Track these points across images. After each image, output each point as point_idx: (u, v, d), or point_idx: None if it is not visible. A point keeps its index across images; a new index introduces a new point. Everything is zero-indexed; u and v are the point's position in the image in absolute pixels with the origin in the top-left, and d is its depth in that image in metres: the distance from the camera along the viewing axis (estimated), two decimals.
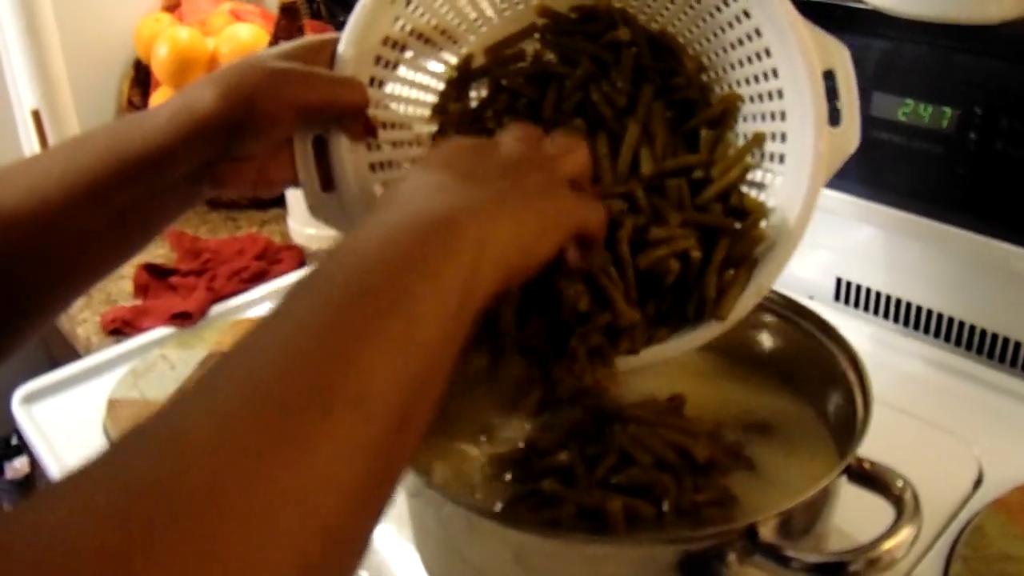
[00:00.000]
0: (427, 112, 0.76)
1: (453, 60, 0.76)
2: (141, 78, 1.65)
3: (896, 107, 0.97)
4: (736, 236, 0.67)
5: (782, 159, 0.69)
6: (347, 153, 0.69)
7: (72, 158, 0.62)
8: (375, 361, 0.41)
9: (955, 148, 0.94)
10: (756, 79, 0.69)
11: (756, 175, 0.71)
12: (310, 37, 0.70)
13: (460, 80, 0.75)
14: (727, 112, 0.72)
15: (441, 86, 0.76)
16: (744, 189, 0.71)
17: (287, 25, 1.47)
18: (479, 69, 0.75)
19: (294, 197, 1.37)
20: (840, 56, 0.67)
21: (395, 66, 0.73)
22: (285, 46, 0.69)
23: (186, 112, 0.62)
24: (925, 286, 1.03)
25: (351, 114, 0.68)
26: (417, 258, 0.46)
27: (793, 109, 0.67)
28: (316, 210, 0.71)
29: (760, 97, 0.70)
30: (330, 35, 0.70)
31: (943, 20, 0.89)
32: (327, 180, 0.70)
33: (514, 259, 0.51)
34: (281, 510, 0.35)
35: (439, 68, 0.76)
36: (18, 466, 1.65)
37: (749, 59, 0.69)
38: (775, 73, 0.67)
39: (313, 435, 0.37)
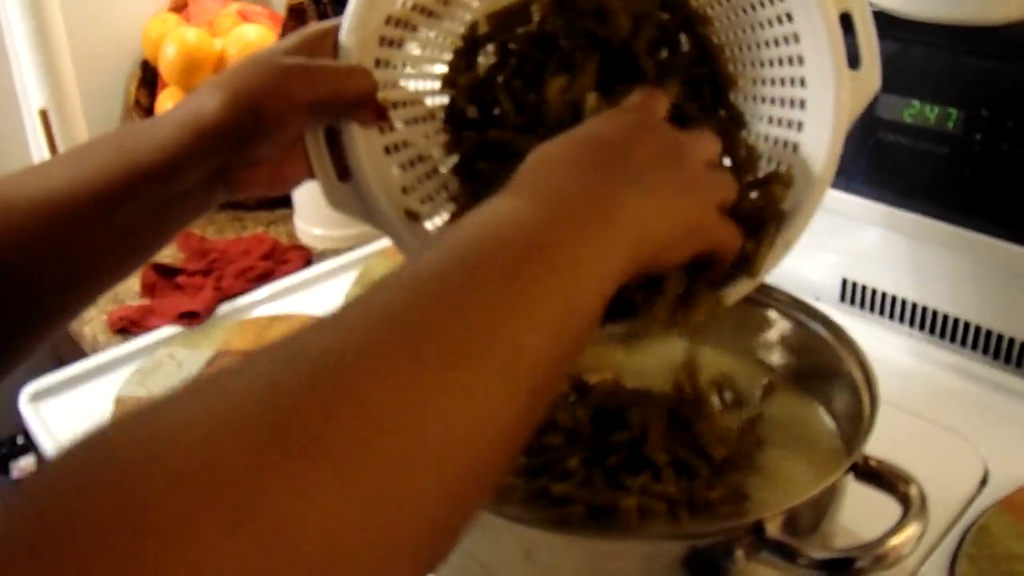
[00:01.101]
0: (437, 84, 0.75)
1: (458, 29, 0.74)
2: (149, 79, 1.66)
3: (902, 108, 0.97)
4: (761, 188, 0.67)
5: (803, 104, 0.68)
6: (360, 141, 0.69)
7: (78, 168, 0.62)
8: (533, 323, 0.42)
9: (961, 149, 0.94)
10: (770, 23, 0.68)
11: (775, 125, 0.70)
12: (312, 26, 0.69)
13: (467, 49, 0.74)
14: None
15: (448, 56, 0.75)
16: (765, 138, 0.70)
17: (294, 26, 1.47)
18: (485, 36, 0.74)
19: (301, 197, 1.38)
20: None
21: (400, 44, 0.72)
22: (287, 40, 0.68)
23: (193, 122, 0.61)
24: (931, 287, 1.04)
25: (360, 102, 0.67)
26: (587, 238, 0.47)
27: (811, 54, 0.66)
28: (335, 201, 0.70)
29: (775, 42, 0.68)
30: (331, 22, 0.69)
31: (949, 21, 0.89)
32: (343, 170, 0.69)
33: (658, 253, 0.53)
34: (420, 468, 0.36)
35: (444, 39, 0.75)
36: (25, 465, 1.66)
37: (761, 3, 0.68)
38: (789, 17, 0.66)
39: (469, 385, 0.39)
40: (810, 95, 0.67)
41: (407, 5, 0.70)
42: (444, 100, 0.75)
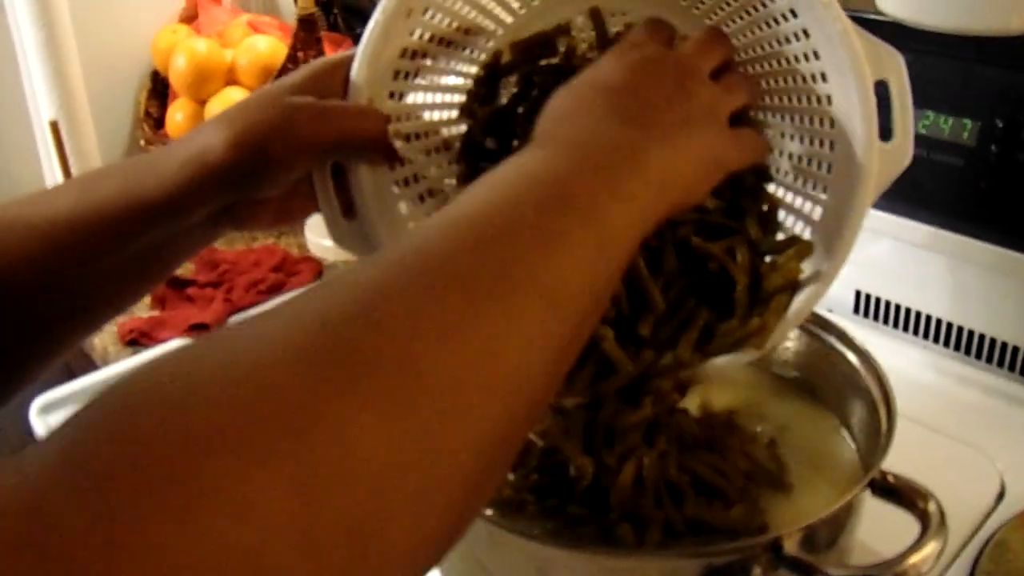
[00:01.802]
0: (454, 114, 0.73)
1: (478, 58, 0.72)
2: (159, 89, 1.66)
3: (917, 120, 0.95)
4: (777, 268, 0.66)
5: (829, 168, 0.65)
6: (367, 182, 0.67)
7: (84, 199, 0.60)
8: (570, 262, 0.44)
9: (976, 160, 0.93)
10: (804, 79, 0.65)
11: (800, 181, 0.69)
12: (320, 61, 0.67)
13: (488, 78, 0.72)
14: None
15: (467, 83, 0.72)
16: (788, 200, 0.69)
17: (305, 37, 1.48)
18: (507, 65, 0.72)
19: None
20: (894, 65, 0.62)
21: (415, 75, 0.69)
22: (295, 76, 0.66)
23: (198, 161, 0.60)
24: (946, 299, 1.03)
25: (370, 144, 0.65)
26: (613, 181, 0.49)
27: (842, 118, 0.63)
28: (339, 238, 0.68)
29: (808, 99, 0.66)
30: (340, 55, 0.67)
31: (963, 32, 0.89)
32: (348, 207, 0.67)
33: (683, 194, 0.54)
34: (471, 389, 0.37)
35: (464, 67, 0.72)
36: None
37: (796, 58, 0.64)
38: (824, 77, 0.63)
39: (513, 317, 0.40)
40: (837, 159, 0.64)
41: (424, 36, 0.68)
42: (460, 130, 0.73)
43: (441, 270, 0.40)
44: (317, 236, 1.39)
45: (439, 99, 0.72)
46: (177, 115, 1.58)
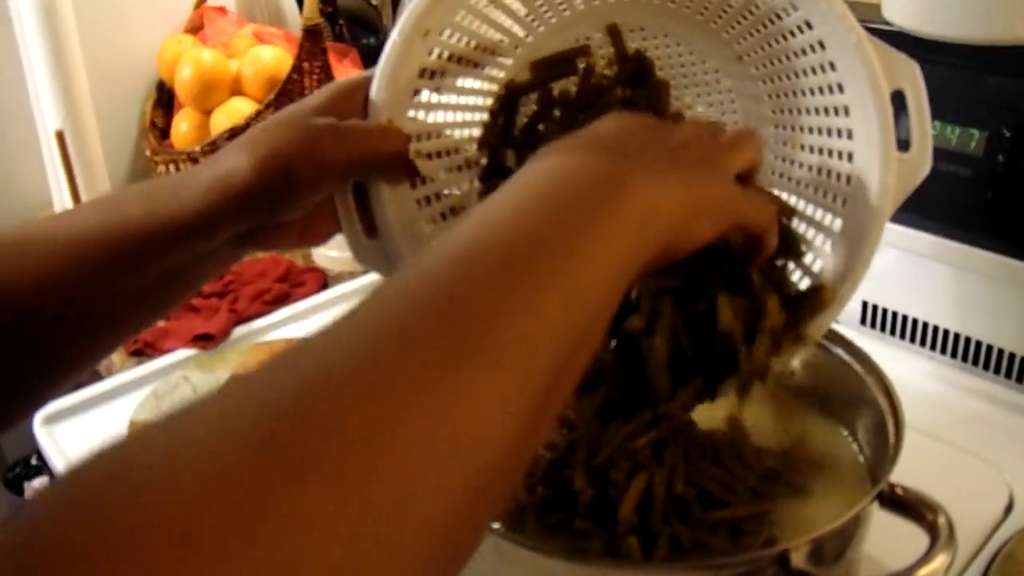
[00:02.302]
0: (475, 132, 0.72)
1: (498, 75, 0.72)
2: (164, 100, 1.66)
3: None
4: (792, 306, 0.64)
5: (848, 180, 0.65)
6: (389, 200, 0.67)
7: (106, 220, 0.60)
8: (537, 321, 0.40)
9: (983, 171, 0.93)
10: (821, 90, 0.65)
11: (815, 193, 0.68)
12: (340, 82, 0.68)
13: (504, 107, 0.71)
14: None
15: (487, 102, 0.72)
16: (807, 213, 0.68)
17: (310, 47, 1.48)
18: (526, 84, 0.71)
19: None
20: (910, 75, 0.62)
21: (435, 94, 0.69)
22: (316, 98, 0.66)
23: (222, 186, 0.60)
24: (954, 310, 1.03)
25: (391, 164, 0.65)
26: (586, 217, 0.45)
27: (859, 130, 0.63)
28: (362, 258, 0.68)
29: (825, 111, 0.65)
30: (359, 76, 0.67)
31: (970, 41, 0.88)
32: (370, 226, 0.67)
33: (670, 235, 0.49)
34: (430, 471, 0.34)
35: (483, 86, 0.72)
36: (38, 486, 1.65)
37: (812, 70, 0.64)
38: (840, 88, 0.63)
39: (471, 387, 0.37)
40: (855, 171, 0.64)
41: (442, 56, 0.68)
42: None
43: (388, 348, 0.37)
44: (323, 247, 1.39)
45: (460, 117, 0.72)
46: (182, 125, 1.59)
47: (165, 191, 0.61)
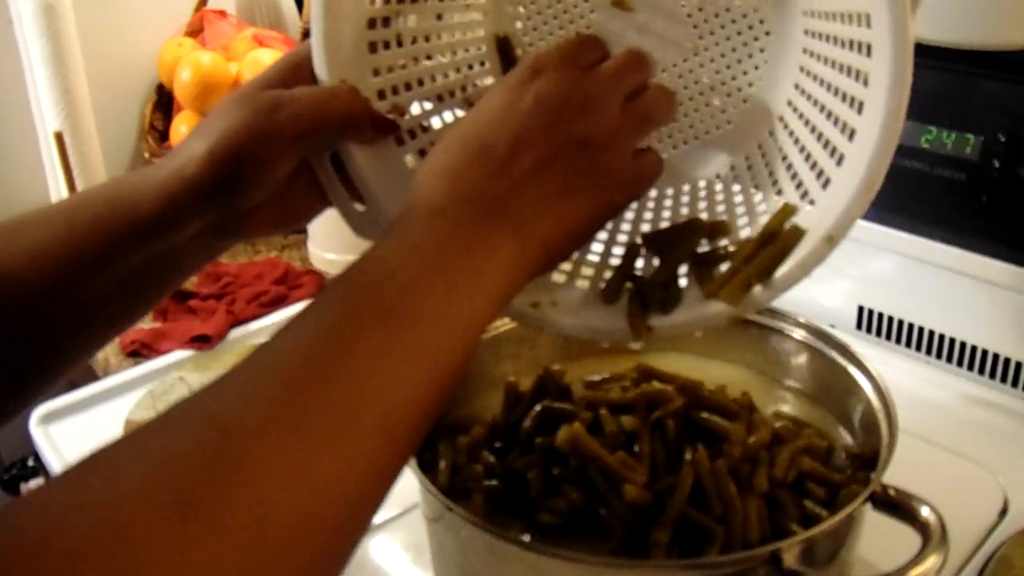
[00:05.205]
0: (460, 57, 0.69)
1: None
2: (164, 102, 1.66)
3: (919, 134, 0.96)
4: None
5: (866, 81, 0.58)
6: (363, 165, 0.63)
7: (73, 220, 0.60)
8: (406, 366, 0.45)
9: (979, 175, 0.93)
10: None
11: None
12: (290, 53, 0.65)
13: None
14: None
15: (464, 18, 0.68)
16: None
17: None
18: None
19: (314, 222, 1.37)
20: None
21: (398, 42, 0.65)
22: (266, 72, 0.64)
23: (177, 179, 0.58)
24: (948, 314, 1.03)
25: (351, 123, 0.61)
26: (450, 281, 0.49)
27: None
28: (358, 229, 0.65)
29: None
30: (307, 44, 0.63)
31: (966, 46, 0.89)
32: (360, 194, 0.64)
33: (546, 258, 0.54)
34: (281, 524, 0.39)
35: (453, 17, 0.68)
36: (34, 486, 1.65)
37: None
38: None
39: (320, 450, 0.41)
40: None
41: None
42: (484, 82, 0.70)
43: (262, 408, 0.41)
44: (320, 249, 1.39)
45: (446, 59, 0.69)
46: (182, 128, 1.59)
47: (129, 185, 0.61)
